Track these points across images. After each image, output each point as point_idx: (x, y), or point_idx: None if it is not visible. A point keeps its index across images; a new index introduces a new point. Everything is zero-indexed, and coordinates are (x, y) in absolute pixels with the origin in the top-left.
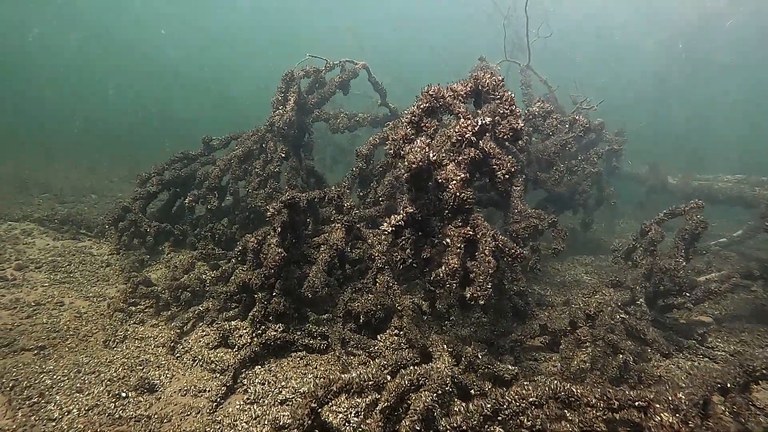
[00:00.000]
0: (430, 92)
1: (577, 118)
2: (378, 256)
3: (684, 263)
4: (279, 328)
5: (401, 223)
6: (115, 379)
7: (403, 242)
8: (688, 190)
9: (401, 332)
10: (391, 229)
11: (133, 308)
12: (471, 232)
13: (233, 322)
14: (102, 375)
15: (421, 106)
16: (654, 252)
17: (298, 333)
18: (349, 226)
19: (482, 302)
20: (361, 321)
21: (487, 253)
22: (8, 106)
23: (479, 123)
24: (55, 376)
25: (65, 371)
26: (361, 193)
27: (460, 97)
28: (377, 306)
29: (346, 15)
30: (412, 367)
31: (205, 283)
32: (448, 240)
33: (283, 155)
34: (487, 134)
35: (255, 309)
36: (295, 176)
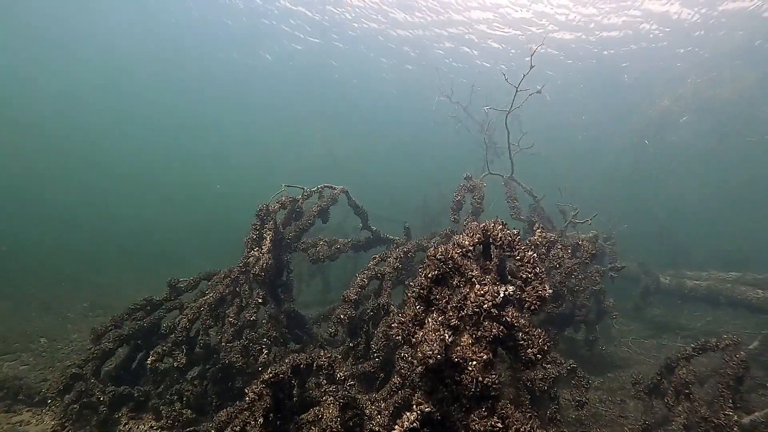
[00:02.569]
0: (438, 256)
1: (580, 243)
2: (379, 429)
3: (735, 417)
4: None
5: (415, 424)
6: None
7: None
8: (684, 290)
9: None
10: None
11: None
12: (500, 425)
13: None
14: None
15: (429, 276)
16: (690, 396)
17: None
18: (346, 403)
19: None
20: None
21: None
22: None
23: (501, 294)
24: None
25: None
26: (351, 344)
27: (469, 254)
28: None
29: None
30: None
31: None
32: None
33: (260, 300)
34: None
35: None
36: (276, 326)
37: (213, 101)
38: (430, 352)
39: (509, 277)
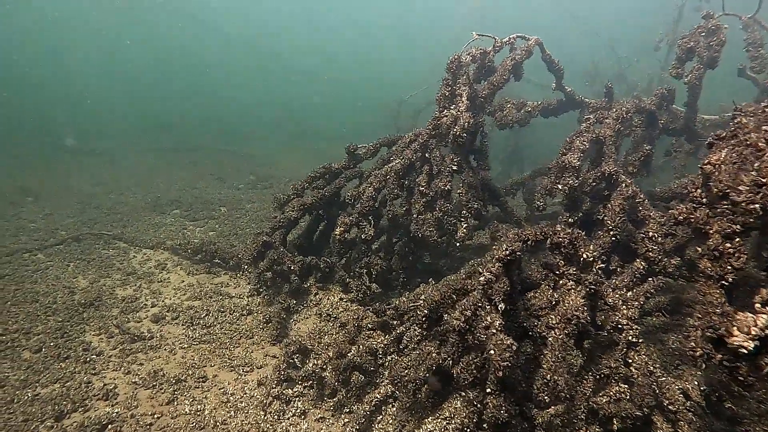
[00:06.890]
0: None
1: None
2: (627, 324)
3: None
4: None
5: None
6: None
7: None
8: None
9: None
10: None
11: (290, 391)
12: None
13: (429, 423)
14: None
15: None
16: None
17: None
18: (595, 291)
19: None
20: (615, 428)
21: None
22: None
23: None
24: None
25: None
26: (569, 220)
27: None
28: (642, 406)
29: None
30: None
31: (377, 355)
32: None
33: (454, 167)
34: None
35: (464, 415)
36: (475, 197)
37: None
38: None
39: None
